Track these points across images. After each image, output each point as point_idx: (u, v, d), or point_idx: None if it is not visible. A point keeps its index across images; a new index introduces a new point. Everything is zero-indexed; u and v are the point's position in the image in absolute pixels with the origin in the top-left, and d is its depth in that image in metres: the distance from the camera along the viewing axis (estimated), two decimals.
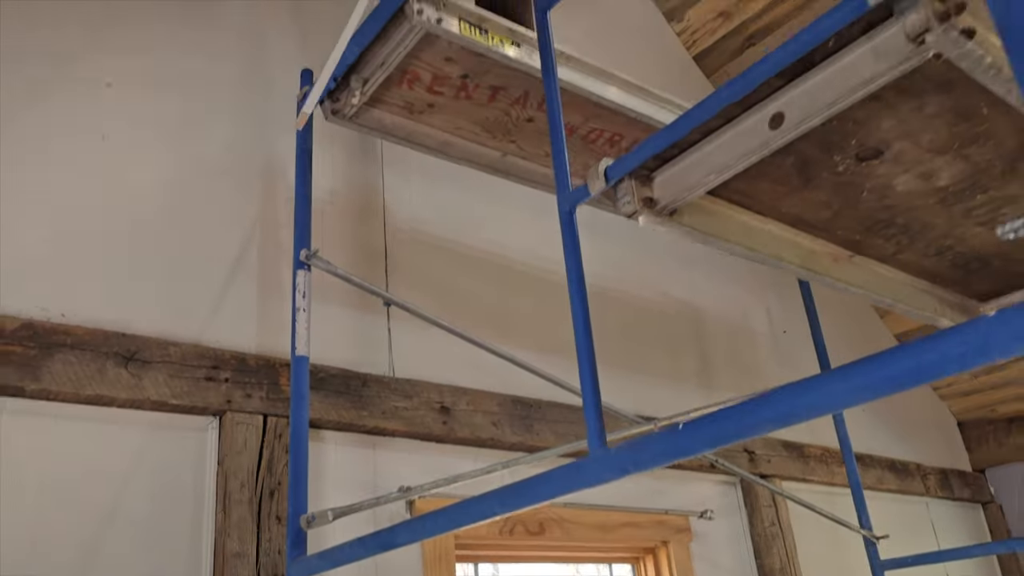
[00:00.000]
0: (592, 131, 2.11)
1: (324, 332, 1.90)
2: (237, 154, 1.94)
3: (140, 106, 1.83)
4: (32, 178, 1.63)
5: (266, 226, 1.93)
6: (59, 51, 1.76)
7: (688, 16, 3.54)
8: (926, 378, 0.64)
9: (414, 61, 1.77)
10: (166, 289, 1.71)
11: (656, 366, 2.65)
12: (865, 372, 0.66)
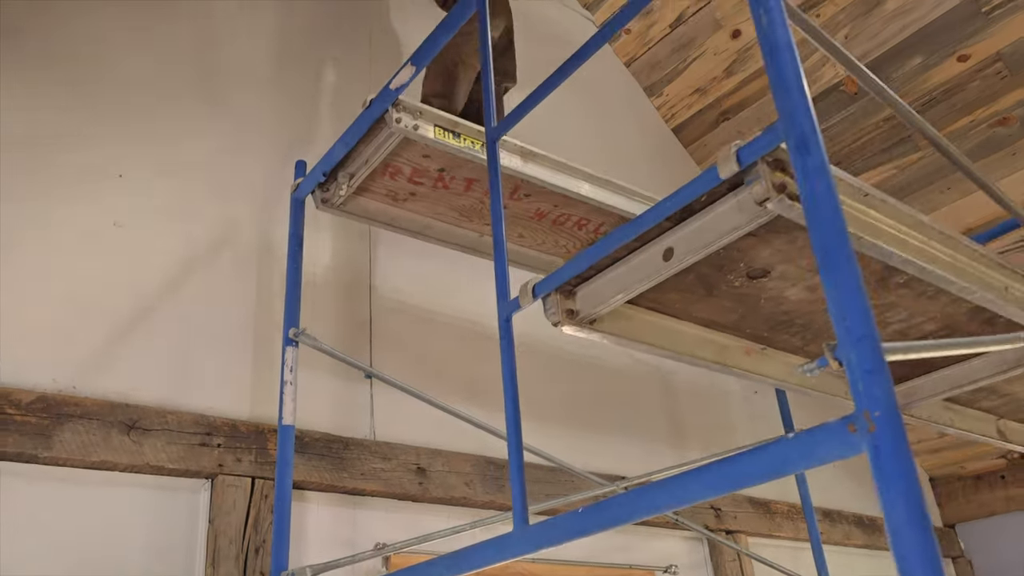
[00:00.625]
0: (561, 215, 2.30)
1: (311, 399, 2.08)
2: (236, 236, 2.14)
3: (148, 193, 2.04)
4: (50, 261, 1.83)
5: (261, 300, 2.13)
6: (80, 142, 1.98)
7: (666, 92, 3.77)
8: (745, 484, 0.82)
9: (395, 158, 1.97)
10: (167, 361, 1.90)
11: (628, 427, 2.82)
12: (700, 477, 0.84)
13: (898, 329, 1.44)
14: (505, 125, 1.39)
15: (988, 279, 1.27)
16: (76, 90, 2.03)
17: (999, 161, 3.22)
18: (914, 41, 3.16)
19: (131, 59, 2.16)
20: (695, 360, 1.35)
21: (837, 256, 0.79)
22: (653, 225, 1.06)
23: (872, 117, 3.38)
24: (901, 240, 1.11)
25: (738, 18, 3.45)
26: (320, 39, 2.62)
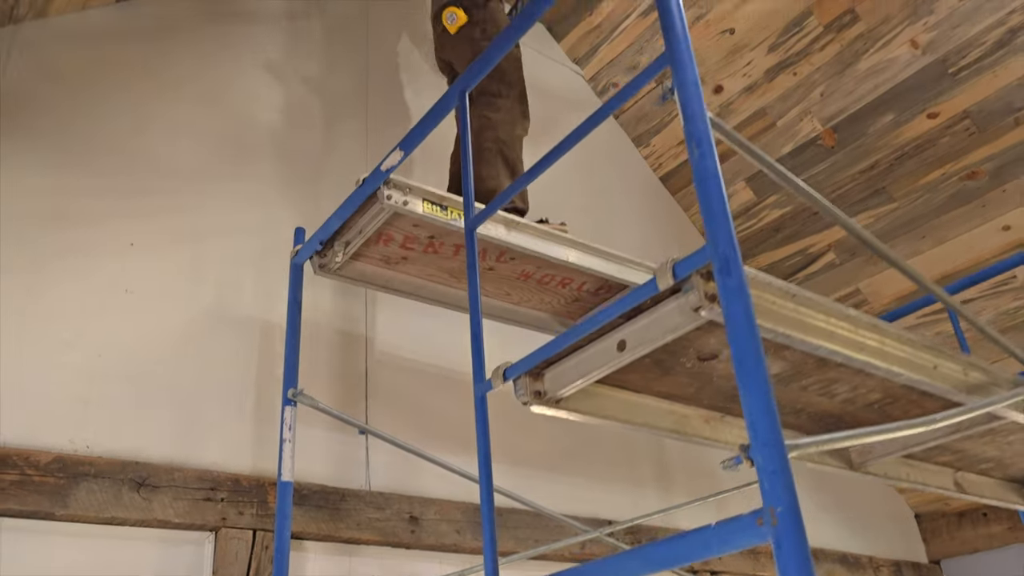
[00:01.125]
0: (545, 276, 2.44)
1: (309, 452, 2.21)
2: (239, 299, 2.29)
3: (158, 262, 2.19)
4: (66, 327, 1.97)
5: (262, 359, 2.26)
6: (93, 216, 2.13)
7: (653, 142, 3.93)
8: (674, 565, 0.95)
9: (388, 228, 2.12)
10: (174, 420, 2.04)
11: (616, 472, 2.94)
12: (637, 556, 0.97)
13: (846, 398, 1.57)
14: (484, 215, 1.54)
15: (917, 360, 1.40)
16: (89, 167, 2.19)
17: (970, 212, 3.36)
18: (887, 99, 3.32)
19: (140, 137, 2.32)
20: (657, 431, 1.48)
21: (751, 371, 0.92)
22: (608, 321, 1.19)
23: (849, 169, 3.53)
24: (830, 332, 1.24)
25: (720, 75, 3.61)
26: (317, 112, 2.78)
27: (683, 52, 1.16)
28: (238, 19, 2.73)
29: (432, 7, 2.70)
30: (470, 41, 2.53)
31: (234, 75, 2.62)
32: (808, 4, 3.30)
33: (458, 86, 1.69)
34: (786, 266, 3.88)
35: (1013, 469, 2.14)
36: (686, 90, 1.13)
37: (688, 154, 1.10)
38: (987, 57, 3.07)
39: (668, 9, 1.20)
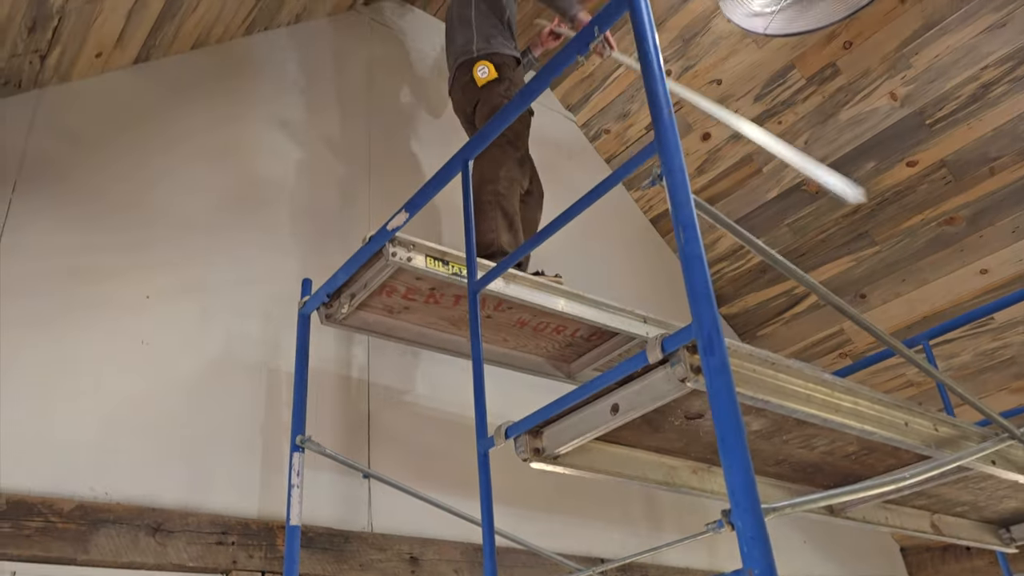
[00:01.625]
0: (540, 323, 2.55)
1: (315, 495, 2.30)
2: (248, 348, 2.39)
3: (172, 313, 2.29)
4: (86, 378, 2.07)
5: (271, 406, 2.36)
6: (111, 270, 2.23)
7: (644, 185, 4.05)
8: None
9: (391, 280, 2.22)
10: (187, 466, 2.13)
11: (608, 510, 3.03)
12: None
13: (825, 450, 1.67)
14: (487, 279, 1.65)
15: (889, 418, 1.50)
16: (106, 224, 2.29)
17: (949, 256, 3.50)
18: (867, 148, 3.46)
19: (154, 193, 2.43)
20: (647, 482, 1.58)
21: (732, 444, 1.03)
22: (604, 387, 1.30)
23: (832, 214, 3.67)
24: (807, 396, 1.35)
25: (708, 123, 3.75)
26: (322, 166, 2.90)
27: (671, 142, 1.28)
28: (248, 78, 2.86)
29: (457, 53, 2.85)
30: (494, 96, 2.71)
31: (244, 131, 2.74)
32: (791, 58, 3.45)
33: (461, 155, 1.81)
34: (772, 306, 4.00)
35: (987, 511, 2.24)
36: (673, 177, 1.25)
37: (675, 237, 1.21)
38: (962, 110, 3.22)
39: (657, 102, 1.32)
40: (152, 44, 2.55)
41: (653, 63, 1.34)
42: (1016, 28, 3.01)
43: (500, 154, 2.64)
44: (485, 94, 2.73)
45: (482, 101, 2.74)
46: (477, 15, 2.87)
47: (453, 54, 2.91)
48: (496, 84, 2.72)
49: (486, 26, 2.85)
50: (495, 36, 2.84)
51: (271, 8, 2.88)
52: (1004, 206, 3.30)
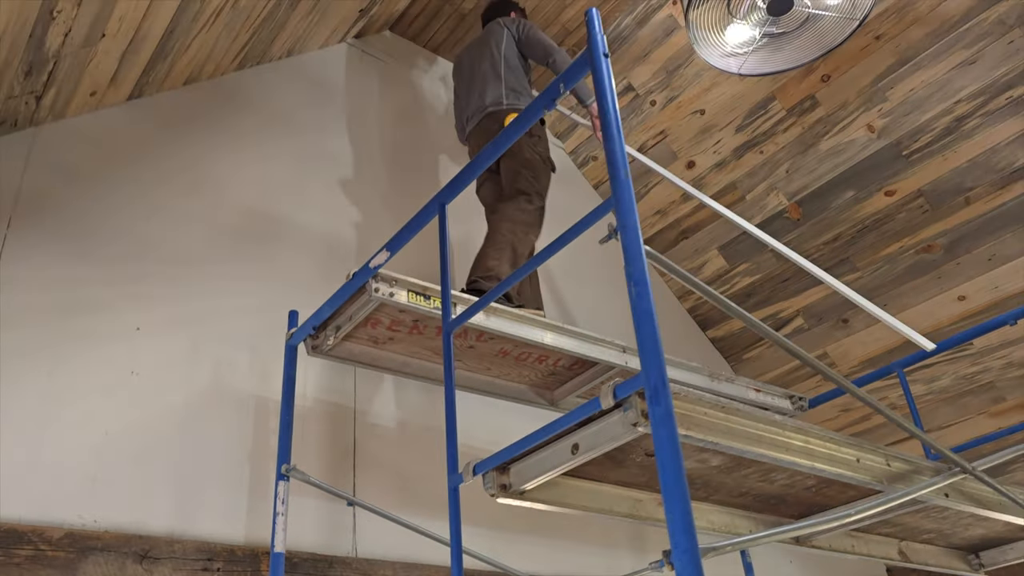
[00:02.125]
0: (522, 353, 2.62)
1: (300, 521, 2.36)
2: (236, 378, 2.46)
3: (162, 344, 2.36)
4: (77, 408, 2.13)
5: (257, 434, 2.43)
6: (103, 303, 2.31)
7: None
8: None
9: (376, 314, 2.30)
10: (175, 494, 2.19)
11: (591, 535, 3.08)
12: None
13: (784, 483, 1.74)
14: (461, 319, 1.72)
15: (840, 455, 1.57)
16: (99, 257, 2.37)
17: (928, 283, 3.57)
18: (846, 177, 3.54)
19: (146, 226, 2.50)
20: (613, 514, 1.65)
21: (673, 488, 1.09)
22: (566, 427, 1.37)
23: (814, 240, 3.74)
24: (756, 436, 1.42)
25: (692, 151, 3.84)
26: (311, 198, 2.97)
27: (626, 200, 1.36)
28: (240, 111, 2.94)
29: (486, 104, 3.03)
30: (524, 149, 2.92)
31: (235, 164, 2.82)
32: (772, 89, 3.53)
33: (438, 198, 1.89)
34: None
35: (955, 538, 2.30)
36: (627, 233, 1.32)
37: (627, 290, 1.28)
38: (937, 142, 3.30)
39: (615, 161, 1.40)
40: (145, 82, 2.64)
41: (612, 125, 1.42)
42: (986, 65, 3.09)
43: (526, 203, 2.85)
44: (515, 146, 2.86)
45: (509, 153, 2.90)
46: (507, 70, 3.08)
47: (477, 103, 3.07)
48: (525, 138, 2.92)
49: (515, 81, 3.08)
50: (523, 93, 3.09)
51: (263, 44, 2.97)
52: (980, 235, 3.38)
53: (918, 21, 3.14)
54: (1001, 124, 3.17)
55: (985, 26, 3.04)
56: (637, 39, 3.67)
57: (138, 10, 2.26)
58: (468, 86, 3.18)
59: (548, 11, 3.69)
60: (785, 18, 2.41)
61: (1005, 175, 3.24)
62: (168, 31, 2.45)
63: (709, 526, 1.81)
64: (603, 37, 1.54)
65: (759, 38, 2.43)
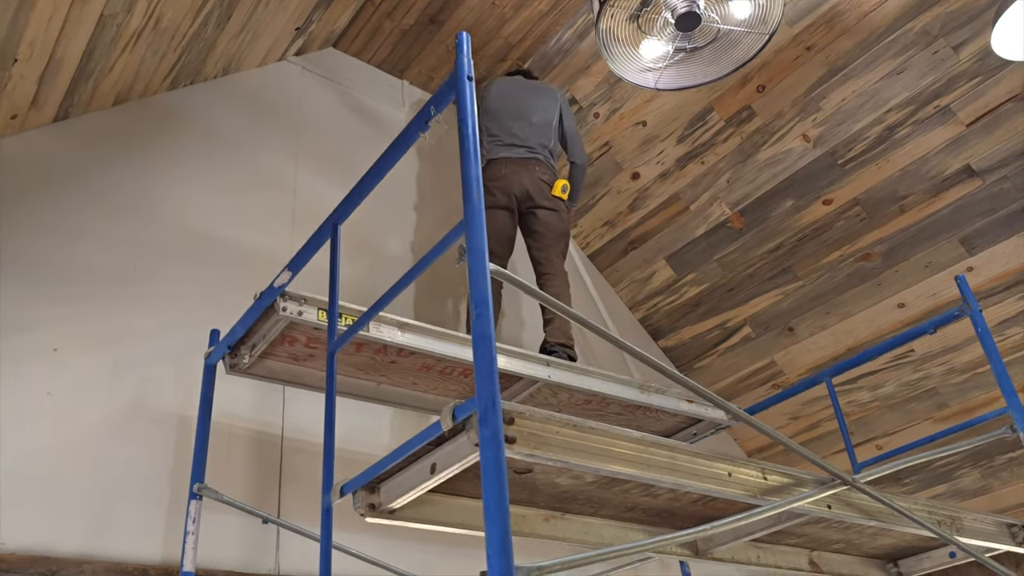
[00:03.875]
0: (446, 367, 2.63)
1: (221, 539, 2.37)
2: (157, 398, 2.47)
3: (81, 363, 2.38)
4: None
5: (179, 453, 2.44)
6: (19, 325, 2.32)
7: (581, 223, 4.16)
8: None
9: (291, 331, 2.32)
10: (88, 514, 2.20)
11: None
12: None
13: (669, 497, 1.75)
14: (340, 342, 1.74)
15: (711, 470, 1.58)
16: (18, 279, 2.39)
17: (868, 291, 3.59)
18: (785, 186, 3.57)
19: (70, 248, 2.52)
20: None
21: (495, 511, 1.11)
22: (422, 445, 1.39)
23: (757, 249, 3.76)
24: (614, 454, 1.43)
25: (636, 162, 3.86)
26: (242, 215, 2.99)
27: (476, 223, 1.38)
28: (170, 131, 2.96)
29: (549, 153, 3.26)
30: (565, 210, 3.19)
31: (163, 183, 2.84)
32: (710, 100, 3.56)
33: (331, 219, 1.91)
34: (707, 339, 4.09)
35: (866, 547, 2.32)
36: (473, 255, 1.34)
37: (468, 312, 1.30)
38: (871, 151, 3.33)
39: (469, 184, 1.42)
40: (70, 104, 2.66)
41: (469, 149, 1.44)
42: (914, 74, 3.12)
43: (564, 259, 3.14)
44: (564, 212, 3.18)
45: (558, 217, 3.14)
46: (555, 139, 3.34)
47: (536, 139, 3.25)
48: (566, 205, 3.20)
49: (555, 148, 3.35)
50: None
51: (193, 63, 3.00)
52: (916, 242, 3.40)
53: (847, 32, 3.17)
54: (931, 132, 3.19)
55: (911, 36, 3.07)
56: (578, 51, 3.70)
57: (49, 34, 2.28)
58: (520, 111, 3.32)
59: (489, 26, 3.72)
60: (696, 33, 2.43)
61: (937, 183, 3.26)
62: (86, 53, 2.48)
63: (599, 540, 1.82)
64: (470, 61, 1.56)
65: (672, 53, 2.45)
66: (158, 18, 2.58)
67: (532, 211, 3.12)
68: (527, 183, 3.12)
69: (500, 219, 3.08)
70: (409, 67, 3.90)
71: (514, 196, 3.11)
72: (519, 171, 3.15)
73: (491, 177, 3.15)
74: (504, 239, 3.07)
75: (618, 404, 2.98)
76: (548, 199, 3.13)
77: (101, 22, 2.39)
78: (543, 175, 3.16)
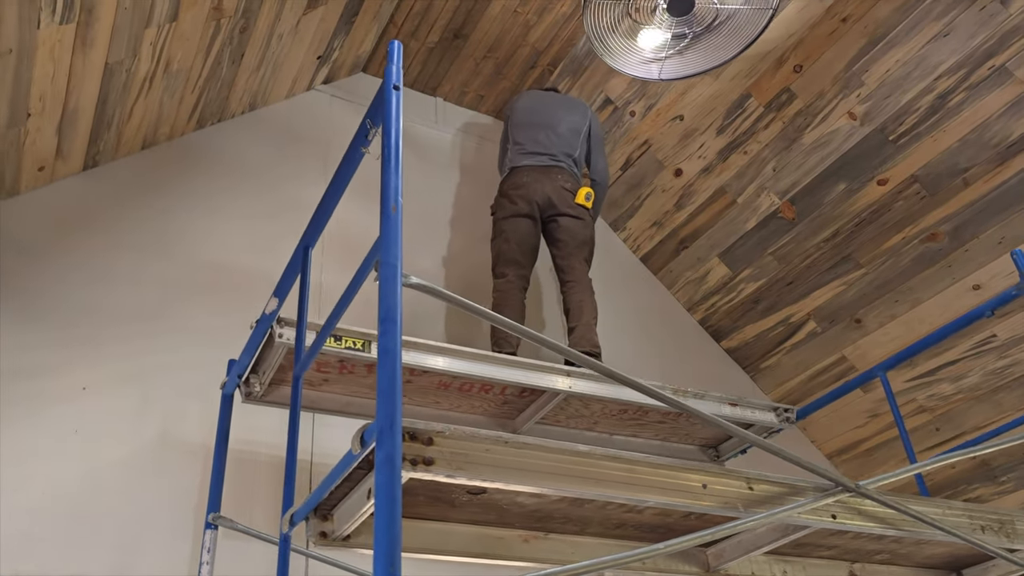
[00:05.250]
0: (464, 384, 2.59)
1: (248, 565, 2.39)
2: (183, 430, 2.53)
3: (108, 401, 2.46)
4: (17, 470, 2.25)
5: (205, 486, 2.48)
6: (48, 366, 2.43)
7: (629, 226, 4.04)
8: None
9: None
10: (114, 547, 2.26)
11: None
12: None
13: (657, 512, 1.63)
14: (304, 366, 1.72)
15: (681, 482, 1.46)
16: (47, 322, 2.50)
17: (938, 274, 3.30)
18: (835, 169, 3.34)
19: (97, 290, 2.63)
20: (468, 556, 1.59)
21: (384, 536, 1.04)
22: (353, 469, 1.34)
23: (813, 239, 3.54)
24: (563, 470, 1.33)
25: (677, 159, 3.71)
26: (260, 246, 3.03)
27: (391, 237, 1.32)
28: (197, 170, 3.05)
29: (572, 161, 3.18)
30: (588, 218, 3.12)
31: (185, 221, 2.92)
32: (746, 86, 3.38)
33: (303, 242, 1.90)
34: (771, 337, 3.87)
35: (919, 557, 2.10)
36: (386, 269, 1.29)
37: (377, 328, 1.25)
38: (923, 123, 3.07)
39: (387, 195, 1.37)
40: (96, 151, 2.78)
41: (391, 158, 1.40)
42: (961, 35, 2.86)
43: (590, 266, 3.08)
44: (589, 220, 3.12)
45: (583, 224, 3.08)
46: (580, 150, 3.25)
47: (567, 152, 3.19)
48: (589, 213, 3.14)
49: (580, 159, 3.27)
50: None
51: (216, 102, 3.08)
52: (985, 217, 3.11)
53: None
54: (988, 96, 2.91)
55: None
56: None
57: (57, 87, 2.39)
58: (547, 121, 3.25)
59: (515, 34, 3.67)
60: (694, 18, 2.30)
61: (1001, 150, 2.97)
62: (100, 102, 2.58)
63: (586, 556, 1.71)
64: (399, 71, 1.52)
65: (671, 40, 2.33)
66: (167, 61, 2.67)
67: (555, 219, 3.04)
68: (549, 191, 3.05)
69: (522, 227, 3.01)
70: (441, 84, 3.89)
71: (536, 204, 3.04)
72: (541, 179, 3.08)
73: (513, 185, 3.09)
74: (527, 248, 3.00)
75: (658, 412, 2.86)
76: (571, 207, 3.04)
77: (108, 70, 2.49)
78: (565, 183, 3.08)
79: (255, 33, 2.87)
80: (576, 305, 2.89)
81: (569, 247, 2.99)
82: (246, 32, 2.82)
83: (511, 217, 3.03)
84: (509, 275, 2.95)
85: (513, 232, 3.00)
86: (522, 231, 3.01)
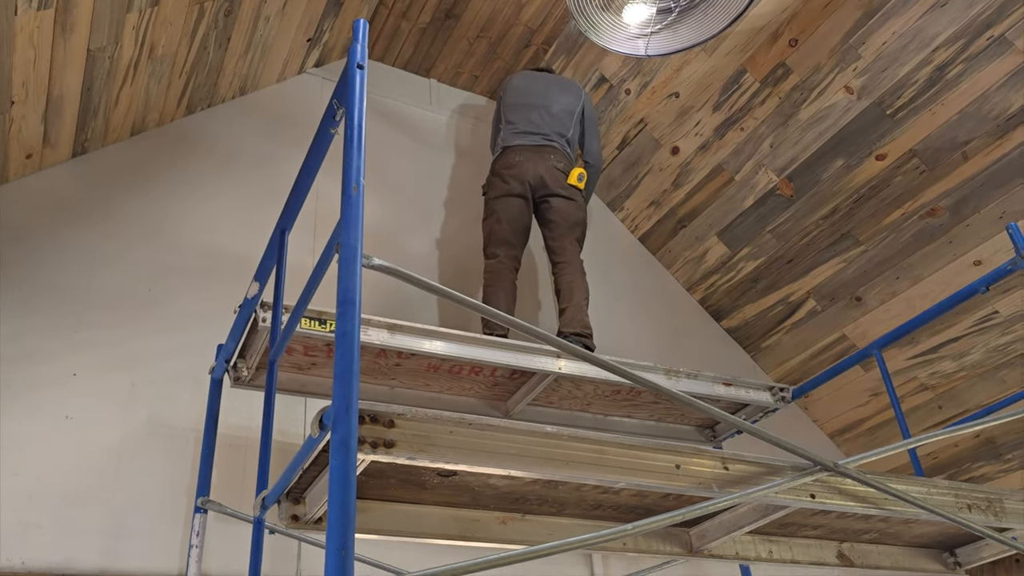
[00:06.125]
0: (453, 366, 2.58)
1: (241, 548, 2.40)
2: (174, 415, 2.54)
3: (99, 387, 2.47)
4: (9, 456, 2.26)
5: (196, 470, 2.49)
6: (40, 354, 2.44)
7: (626, 206, 4.01)
8: None
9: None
10: (106, 531, 2.28)
11: None
12: None
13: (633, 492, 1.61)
14: (279, 350, 1.71)
15: (654, 462, 1.44)
16: (39, 310, 2.51)
17: (939, 249, 3.26)
18: (833, 144, 3.29)
19: (89, 277, 2.63)
20: (444, 538, 1.58)
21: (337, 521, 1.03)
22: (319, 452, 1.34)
23: (812, 216, 3.49)
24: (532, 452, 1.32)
25: (674, 136, 3.67)
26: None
27: (351, 217, 1.31)
28: (187, 155, 3.05)
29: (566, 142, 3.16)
30: (581, 199, 3.09)
31: (175, 207, 2.92)
32: (741, 62, 3.33)
33: (279, 226, 1.89)
34: (771, 316, 3.84)
35: (909, 536, 2.07)
36: (345, 250, 1.27)
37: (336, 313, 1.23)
38: (921, 95, 3.01)
39: (348, 175, 1.35)
40: (84, 138, 2.78)
41: (354, 138, 1.38)
42: (959, 4, 2.79)
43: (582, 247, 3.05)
44: (577, 194, 3.07)
45: (576, 206, 3.04)
46: (574, 131, 3.22)
47: (560, 132, 3.16)
48: (582, 194, 3.10)
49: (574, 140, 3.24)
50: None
51: (205, 87, 3.07)
52: (985, 191, 3.05)
53: None
54: (987, 67, 2.85)
55: None
56: None
57: (39, 74, 2.38)
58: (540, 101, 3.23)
59: (507, 13, 3.63)
60: None
61: (1001, 123, 2.91)
62: (85, 88, 2.57)
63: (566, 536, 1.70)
64: (364, 49, 1.50)
65: (656, 15, 2.29)
66: (151, 47, 2.65)
67: (546, 199, 3.01)
68: (541, 170, 3.02)
69: (514, 207, 2.99)
70: (434, 65, 3.86)
71: (528, 184, 3.01)
72: (533, 159, 3.05)
73: (505, 165, 3.07)
74: (518, 228, 2.98)
75: (650, 393, 2.84)
76: (563, 187, 3.01)
77: (90, 56, 2.48)
78: (558, 163, 3.05)
79: (240, 16, 2.84)
80: (567, 286, 2.86)
81: (561, 228, 2.97)
82: (231, 15, 2.80)
83: (503, 197, 3.01)
84: (500, 255, 2.93)
85: (505, 212, 2.98)
86: (514, 211, 2.98)
